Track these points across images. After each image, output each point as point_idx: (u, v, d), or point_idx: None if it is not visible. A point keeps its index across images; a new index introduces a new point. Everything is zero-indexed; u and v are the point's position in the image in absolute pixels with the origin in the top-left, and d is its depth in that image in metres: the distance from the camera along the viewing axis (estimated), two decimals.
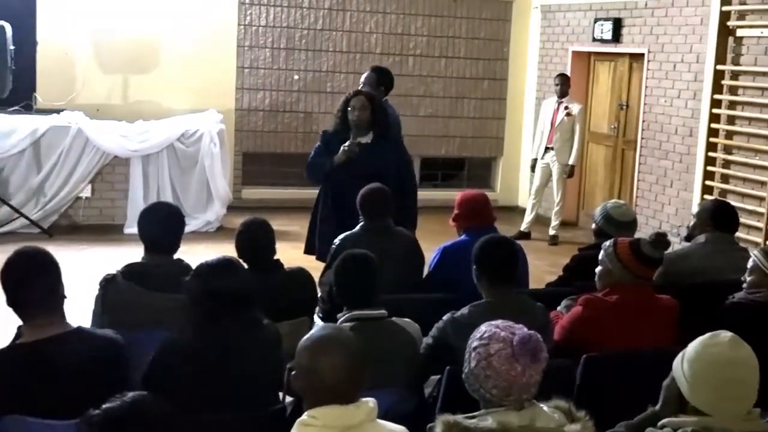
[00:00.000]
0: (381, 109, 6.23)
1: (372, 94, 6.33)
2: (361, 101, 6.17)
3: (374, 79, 6.77)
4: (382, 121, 6.19)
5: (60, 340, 3.13)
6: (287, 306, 4.26)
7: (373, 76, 6.80)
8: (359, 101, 6.16)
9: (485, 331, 2.70)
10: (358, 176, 6.00)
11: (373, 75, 6.82)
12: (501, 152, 12.03)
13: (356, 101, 6.17)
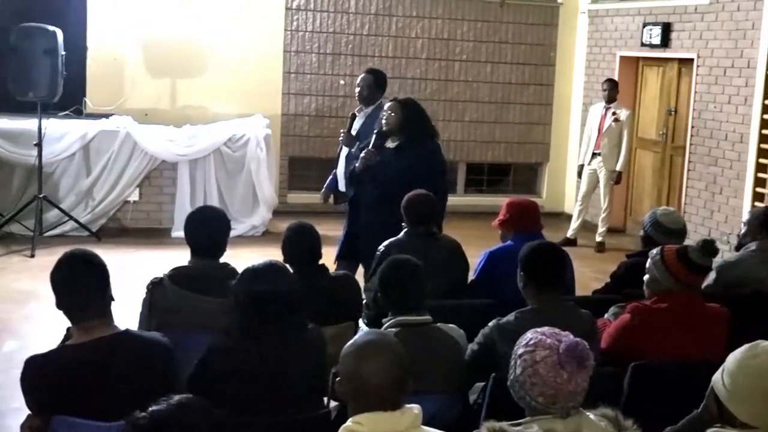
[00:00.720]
0: (414, 115, 6.20)
1: (406, 101, 6.33)
2: (393, 106, 6.19)
3: (372, 81, 6.79)
4: (414, 126, 6.15)
5: (108, 342, 3.16)
6: (332, 311, 4.27)
7: (371, 78, 6.81)
8: (391, 107, 6.20)
9: (531, 338, 2.68)
10: (375, 182, 6.04)
11: (371, 77, 6.82)
12: (547, 158, 11.96)
13: (389, 106, 6.22)
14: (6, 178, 9.15)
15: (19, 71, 8.61)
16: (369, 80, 6.80)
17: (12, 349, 6.03)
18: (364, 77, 6.86)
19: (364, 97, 6.79)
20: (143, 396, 2.75)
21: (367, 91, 6.77)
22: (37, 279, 7.34)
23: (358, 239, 6.22)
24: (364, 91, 6.78)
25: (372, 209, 6.12)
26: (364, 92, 6.78)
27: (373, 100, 6.77)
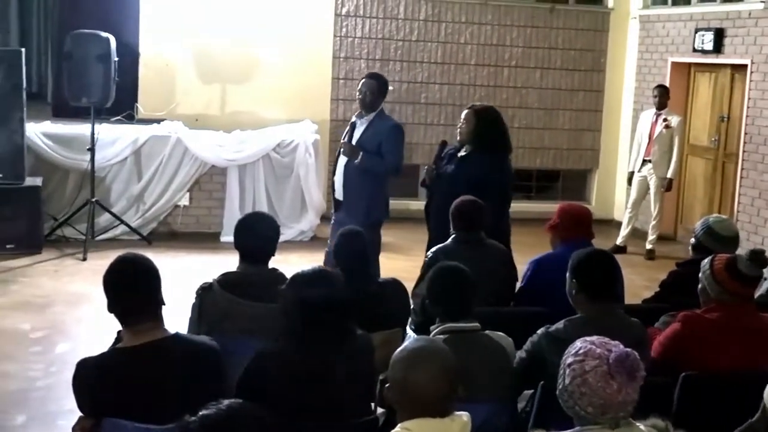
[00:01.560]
0: (485, 125, 6.14)
1: (481, 109, 6.28)
2: (467, 115, 6.18)
3: (375, 86, 6.55)
4: (484, 137, 6.11)
5: (158, 345, 3.18)
6: (380, 316, 4.27)
7: (374, 84, 6.57)
8: (466, 115, 6.19)
9: (580, 348, 2.66)
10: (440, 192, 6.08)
11: (374, 82, 6.58)
12: (597, 164, 11.87)
13: (464, 115, 6.21)
14: (60, 183, 9.29)
15: (73, 77, 8.76)
16: (372, 85, 6.55)
17: (64, 350, 6.12)
18: (366, 82, 6.58)
19: (366, 103, 6.53)
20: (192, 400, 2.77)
21: (371, 97, 6.52)
22: (89, 282, 7.46)
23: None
24: (367, 97, 6.52)
25: (437, 218, 6.09)
26: (367, 98, 6.52)
27: (375, 106, 6.56)
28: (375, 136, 6.47)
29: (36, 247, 8.61)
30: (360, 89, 6.59)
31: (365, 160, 6.41)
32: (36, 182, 8.78)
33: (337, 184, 6.68)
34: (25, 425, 5.02)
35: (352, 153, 6.45)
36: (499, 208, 6.09)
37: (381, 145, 6.45)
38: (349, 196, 6.55)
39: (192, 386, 3.13)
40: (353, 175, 6.50)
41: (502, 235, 6.01)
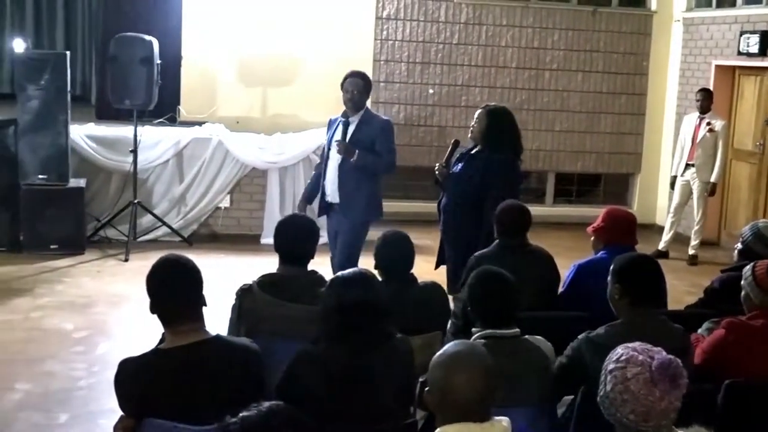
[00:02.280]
0: (496, 124, 6.11)
1: (493, 109, 6.25)
2: (480, 115, 6.16)
3: (362, 85, 6.44)
4: (493, 136, 6.08)
5: (199, 347, 3.20)
6: (420, 320, 4.26)
7: (361, 83, 6.45)
8: (478, 115, 6.18)
9: (622, 354, 2.63)
10: (448, 190, 6.12)
11: (360, 81, 6.45)
12: (639, 168, 11.77)
13: (477, 115, 6.21)
14: (103, 184, 9.39)
15: (116, 80, 8.86)
16: (359, 84, 6.43)
17: (106, 350, 6.18)
18: (354, 81, 6.43)
19: (355, 102, 6.41)
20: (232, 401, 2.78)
21: (358, 96, 6.41)
22: (131, 283, 7.52)
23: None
24: (355, 96, 6.40)
25: (448, 214, 6.17)
26: (355, 97, 6.40)
27: (362, 104, 6.47)
28: (367, 133, 6.39)
29: (79, 248, 8.72)
30: (346, 89, 6.42)
31: (361, 158, 6.30)
32: (80, 184, 8.89)
33: (329, 186, 6.49)
34: (67, 424, 5.07)
35: (348, 151, 6.31)
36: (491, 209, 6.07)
37: (374, 143, 6.37)
38: (347, 197, 6.43)
39: (232, 388, 3.14)
40: (349, 174, 6.39)
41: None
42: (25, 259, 8.42)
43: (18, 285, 7.67)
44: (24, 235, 8.68)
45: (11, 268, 8.15)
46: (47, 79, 8.54)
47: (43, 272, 8.07)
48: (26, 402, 5.30)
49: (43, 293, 7.47)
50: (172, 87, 10.12)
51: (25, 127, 8.58)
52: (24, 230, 8.68)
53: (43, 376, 5.69)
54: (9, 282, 7.75)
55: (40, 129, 8.58)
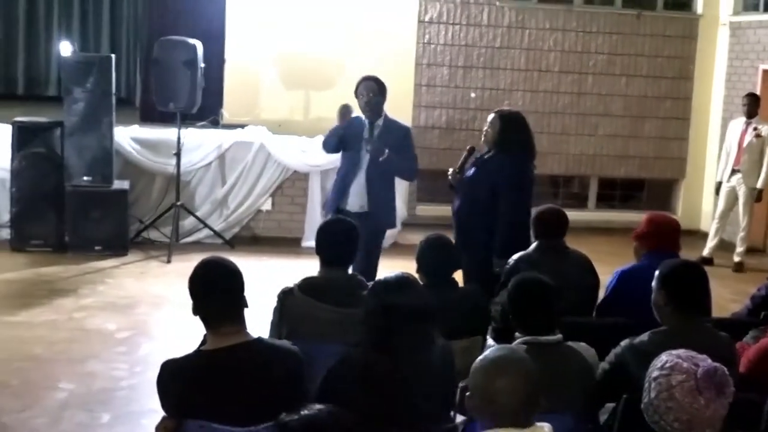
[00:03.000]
0: (509, 129, 5.99)
1: (506, 114, 6.16)
2: (493, 120, 6.06)
3: (376, 88, 6.32)
4: (506, 140, 5.95)
5: (241, 349, 3.21)
6: (460, 324, 4.25)
7: (375, 86, 6.32)
8: (491, 120, 6.07)
9: (666, 361, 2.60)
10: (464, 193, 6.04)
11: (374, 84, 6.31)
12: (683, 174, 11.65)
13: (490, 119, 6.09)
14: (146, 186, 9.48)
15: (160, 83, 8.95)
16: (374, 88, 6.32)
17: (148, 351, 6.23)
18: (368, 85, 6.31)
19: (372, 105, 6.30)
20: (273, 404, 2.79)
21: (375, 99, 6.30)
22: (173, 284, 7.59)
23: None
24: (372, 100, 6.28)
25: (461, 218, 6.12)
26: (372, 100, 6.28)
27: (381, 109, 6.36)
28: (391, 138, 6.29)
29: (122, 249, 8.81)
30: (361, 93, 6.31)
31: (392, 157, 6.19)
32: (123, 185, 8.98)
33: (355, 193, 6.31)
34: (110, 424, 5.12)
35: (378, 150, 6.17)
36: (518, 210, 5.96)
37: (398, 149, 6.25)
38: (376, 202, 6.31)
39: (273, 390, 3.16)
40: (378, 179, 6.31)
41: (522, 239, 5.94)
42: (70, 259, 8.53)
43: (62, 285, 7.77)
44: (69, 235, 8.79)
45: (56, 268, 8.25)
46: (93, 82, 8.63)
47: (87, 273, 8.16)
48: (70, 401, 5.36)
49: (87, 294, 7.55)
50: (215, 90, 10.20)
51: (71, 129, 8.69)
52: (69, 231, 8.79)
53: (86, 376, 5.75)
54: (54, 282, 7.85)
55: (86, 131, 8.68)
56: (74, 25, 12.36)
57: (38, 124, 8.95)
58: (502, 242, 5.75)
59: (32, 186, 8.71)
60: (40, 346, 6.25)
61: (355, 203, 6.32)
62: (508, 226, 5.80)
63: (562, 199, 11.52)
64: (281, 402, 2.80)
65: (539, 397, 2.61)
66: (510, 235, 5.74)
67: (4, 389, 5.46)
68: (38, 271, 8.14)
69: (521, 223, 5.72)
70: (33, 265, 8.32)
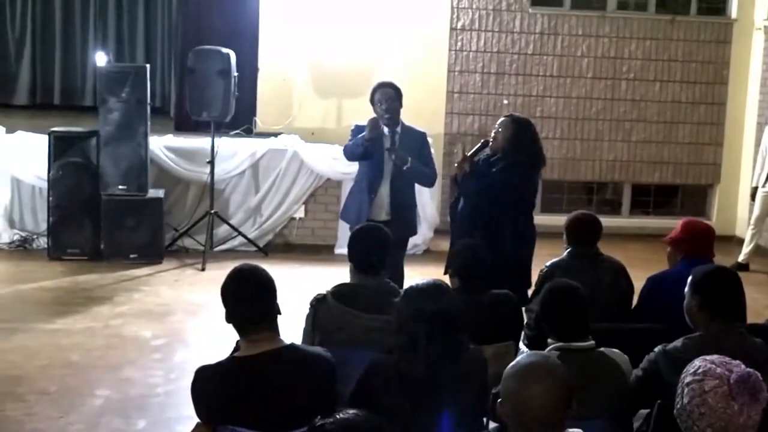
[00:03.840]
0: (519, 136, 5.92)
1: (519, 119, 6.11)
2: (504, 123, 5.99)
3: (394, 95, 6.23)
4: (516, 147, 5.89)
5: (274, 355, 3.24)
6: (493, 329, 4.25)
7: (392, 92, 6.21)
8: (502, 123, 6.00)
9: (699, 367, 2.59)
10: (468, 196, 5.98)
11: (391, 91, 6.21)
12: (718, 179, 11.54)
13: (501, 123, 6.02)
14: (181, 194, 9.56)
15: (195, 92, 9.01)
16: (391, 94, 6.23)
17: (183, 358, 6.27)
18: (385, 92, 6.21)
19: (392, 113, 6.23)
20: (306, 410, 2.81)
21: (394, 106, 6.23)
22: (208, 291, 7.64)
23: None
24: (392, 107, 6.21)
25: (461, 222, 6.04)
26: (392, 107, 6.21)
27: (398, 115, 6.30)
28: (410, 145, 6.27)
29: (157, 257, 8.89)
30: (379, 101, 6.22)
31: (415, 164, 6.17)
32: (158, 194, 9.06)
33: (378, 202, 6.28)
34: (145, 430, 5.16)
35: (402, 158, 6.13)
36: (524, 217, 5.96)
37: (419, 154, 6.26)
38: (399, 210, 6.27)
39: (306, 396, 3.18)
40: (403, 187, 6.30)
41: (526, 245, 5.90)
42: (106, 267, 8.62)
43: (99, 293, 7.85)
44: (104, 244, 8.88)
45: (92, 276, 8.34)
46: (128, 92, 8.73)
47: (123, 281, 8.24)
48: (107, 407, 5.42)
49: (123, 301, 7.63)
50: (249, 99, 10.27)
51: (106, 139, 8.78)
52: (104, 239, 8.89)
53: (122, 383, 5.81)
54: (90, 290, 7.93)
55: (121, 140, 8.77)
56: (110, 35, 12.48)
57: (74, 134, 9.05)
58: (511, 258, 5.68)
59: (69, 195, 8.81)
60: (78, 353, 6.32)
61: (379, 212, 6.29)
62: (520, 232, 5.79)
63: (596, 205, 11.46)
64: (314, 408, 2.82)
65: (572, 403, 2.61)
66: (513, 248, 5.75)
67: (42, 396, 5.53)
68: (75, 280, 8.23)
69: (530, 228, 5.88)
70: (70, 273, 8.42)
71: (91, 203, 8.85)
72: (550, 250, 6.18)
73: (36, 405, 5.39)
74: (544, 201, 11.37)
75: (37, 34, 12.40)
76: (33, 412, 5.30)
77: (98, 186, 8.81)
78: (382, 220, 6.07)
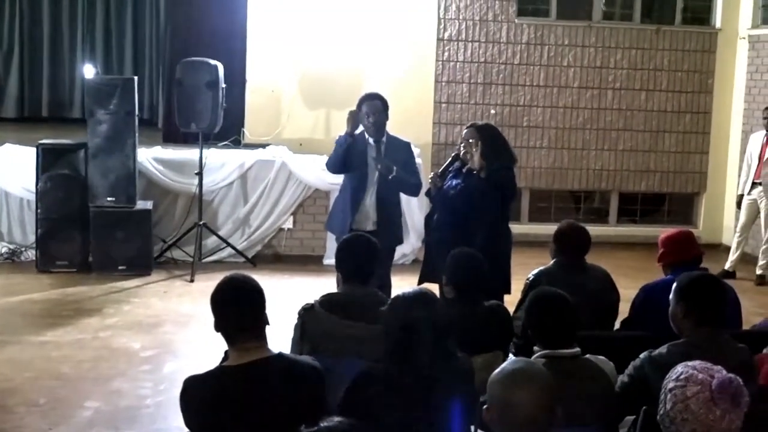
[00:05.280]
0: (492, 142, 5.90)
1: (484, 127, 6.11)
2: (471, 134, 5.96)
3: (381, 106, 6.25)
4: (492, 154, 5.85)
5: (263, 364, 3.26)
6: (484, 339, 4.27)
7: (380, 104, 6.23)
8: (469, 134, 5.97)
9: (681, 372, 2.62)
10: (445, 205, 5.98)
11: (379, 103, 6.23)
12: (704, 188, 11.61)
13: (466, 134, 5.99)
14: (169, 206, 9.56)
15: (183, 103, 9.03)
16: (379, 106, 6.24)
17: (173, 369, 6.28)
18: (373, 104, 6.22)
19: (379, 125, 6.25)
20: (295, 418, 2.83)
21: (381, 118, 6.26)
22: (196, 303, 7.66)
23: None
24: (379, 119, 6.24)
25: (438, 233, 6.05)
26: (379, 120, 6.24)
27: (385, 127, 6.32)
28: (395, 155, 6.30)
29: (146, 269, 8.89)
30: (366, 113, 6.23)
31: (401, 174, 6.20)
32: (147, 206, 9.07)
33: (364, 212, 6.31)
34: None
35: (388, 168, 6.15)
36: (500, 223, 5.98)
37: (404, 164, 6.29)
38: (385, 220, 6.29)
39: (294, 405, 3.20)
40: (389, 196, 6.32)
41: (501, 250, 5.91)
42: (95, 279, 8.62)
43: (88, 305, 7.85)
44: (93, 256, 8.89)
45: (81, 288, 8.34)
46: (116, 104, 8.73)
47: (112, 292, 8.24)
48: (96, 419, 5.42)
49: (112, 313, 7.62)
50: (237, 110, 10.29)
51: (94, 151, 8.78)
52: (93, 251, 8.89)
53: (111, 395, 5.81)
54: (79, 302, 7.93)
55: (109, 152, 8.77)
56: (97, 47, 12.51)
57: (62, 146, 9.06)
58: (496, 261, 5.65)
59: (57, 207, 8.80)
60: (67, 365, 6.32)
61: (365, 222, 6.32)
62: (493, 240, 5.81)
63: (583, 214, 11.52)
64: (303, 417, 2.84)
65: (558, 409, 2.63)
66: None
67: (32, 408, 5.53)
68: (64, 292, 8.23)
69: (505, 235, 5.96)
70: (58, 285, 8.41)
71: (80, 215, 8.85)
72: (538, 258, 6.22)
73: (26, 417, 5.39)
74: (532, 210, 11.44)
75: (25, 46, 12.43)
76: (23, 424, 5.30)
77: (87, 198, 8.81)
78: (368, 230, 6.07)
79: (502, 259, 5.91)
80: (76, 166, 8.95)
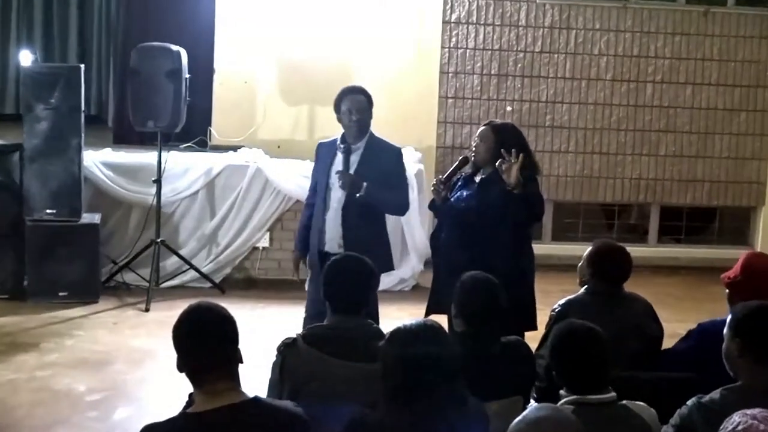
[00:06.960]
0: (509, 143, 5.78)
1: (501, 126, 6.08)
2: (484, 133, 5.95)
3: (365, 102, 6.19)
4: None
5: (235, 410, 3.24)
6: (501, 382, 4.26)
7: (364, 100, 6.18)
8: (482, 133, 5.96)
9: (739, 423, 2.63)
10: (454, 221, 5.95)
11: (362, 98, 6.18)
12: (763, 200, 11.65)
13: (480, 132, 5.99)
14: (121, 220, 9.56)
15: (138, 97, 9.01)
16: (362, 102, 6.20)
17: (125, 416, 6.26)
18: (354, 99, 6.19)
19: (361, 124, 6.19)
20: None
21: (364, 117, 6.20)
22: (153, 336, 7.65)
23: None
24: (362, 118, 6.18)
25: (447, 252, 6.01)
26: (362, 119, 6.18)
27: (368, 127, 6.25)
28: (377, 164, 6.18)
29: (92, 295, 8.87)
30: (347, 110, 6.20)
31: (370, 191, 6.04)
32: (94, 219, 9.06)
33: (329, 232, 6.19)
34: None
35: (354, 185, 6.03)
36: (521, 243, 5.95)
37: (387, 176, 6.17)
38: (355, 243, 5.91)
39: None
40: (356, 216, 6.12)
41: (523, 276, 5.91)
42: (31, 308, 8.59)
43: (22, 339, 7.82)
44: (29, 280, 8.85)
45: (14, 318, 8.32)
46: (58, 97, 8.72)
47: (51, 323, 8.22)
48: None
49: (52, 348, 7.60)
50: (203, 105, 10.29)
51: (31, 154, 8.77)
52: (29, 274, 8.85)
53: None
54: (12, 335, 7.90)
55: (50, 155, 8.76)
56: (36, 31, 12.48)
57: None
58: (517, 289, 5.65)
59: None
60: None
61: (334, 243, 6.21)
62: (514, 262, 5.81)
63: (617, 232, 11.55)
64: None
65: None
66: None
67: None
68: None
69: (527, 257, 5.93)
70: None
71: (13, 230, 8.84)
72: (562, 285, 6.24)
73: None
74: (556, 227, 11.45)
75: None
76: None
77: (22, 210, 8.80)
78: (336, 252, 5.95)
79: (525, 287, 5.90)
80: (9, 171, 8.95)
